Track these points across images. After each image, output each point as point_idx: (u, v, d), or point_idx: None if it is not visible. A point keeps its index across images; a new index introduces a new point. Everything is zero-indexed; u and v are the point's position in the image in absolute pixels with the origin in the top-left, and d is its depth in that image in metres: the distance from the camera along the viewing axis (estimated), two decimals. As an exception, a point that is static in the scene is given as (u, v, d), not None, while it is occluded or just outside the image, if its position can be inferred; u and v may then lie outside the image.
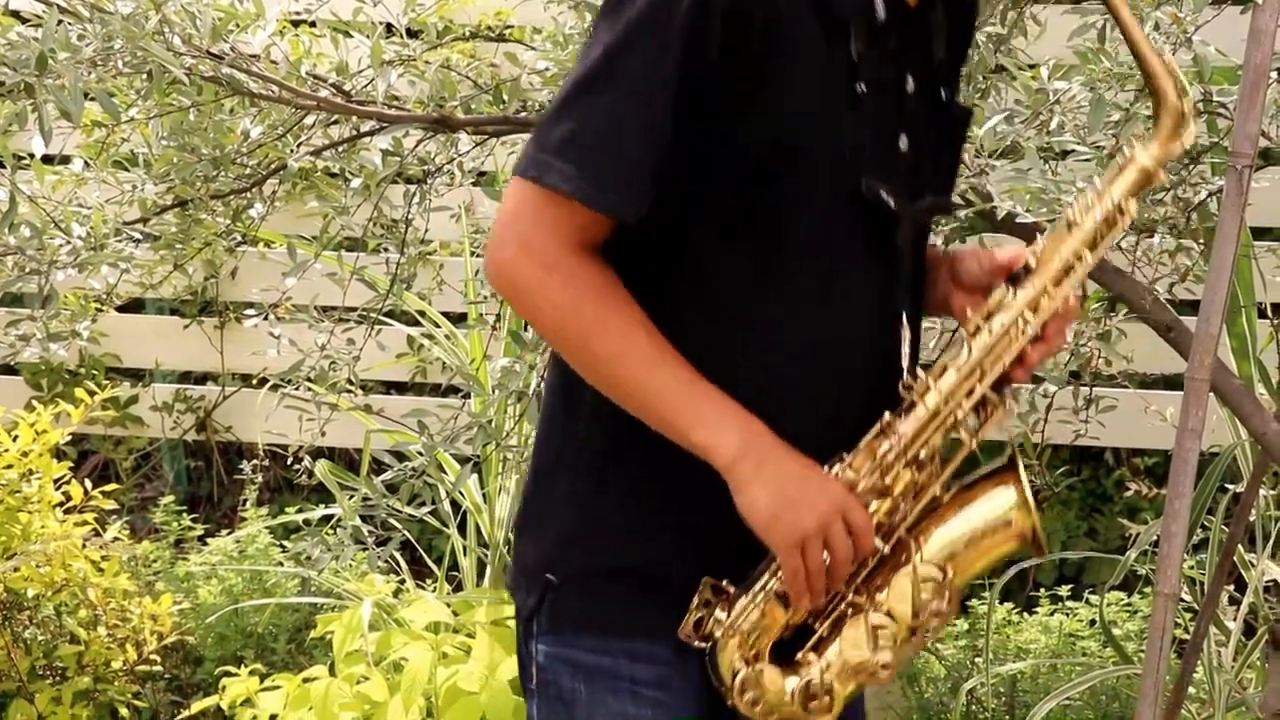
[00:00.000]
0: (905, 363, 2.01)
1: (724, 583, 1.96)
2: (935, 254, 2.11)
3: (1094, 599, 4.07)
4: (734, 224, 1.93)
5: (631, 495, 1.98)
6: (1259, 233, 3.59)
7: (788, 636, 1.99)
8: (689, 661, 1.98)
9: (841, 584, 1.95)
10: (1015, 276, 1.98)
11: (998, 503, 2.01)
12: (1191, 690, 3.49)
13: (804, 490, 1.92)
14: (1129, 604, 4.11)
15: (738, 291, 1.94)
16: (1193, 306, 2.27)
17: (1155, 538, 3.01)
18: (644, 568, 1.98)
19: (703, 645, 1.96)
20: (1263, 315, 3.40)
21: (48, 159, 3.41)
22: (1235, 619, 3.56)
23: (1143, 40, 1.94)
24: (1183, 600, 3.66)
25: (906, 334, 2.01)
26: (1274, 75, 2.68)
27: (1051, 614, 4.21)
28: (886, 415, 1.96)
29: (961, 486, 2.02)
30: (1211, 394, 2.50)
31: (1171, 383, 4.24)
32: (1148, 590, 3.98)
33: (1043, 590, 4.37)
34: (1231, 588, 3.64)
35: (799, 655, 1.98)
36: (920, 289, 2.05)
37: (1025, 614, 4.28)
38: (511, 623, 2.11)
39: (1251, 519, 3.50)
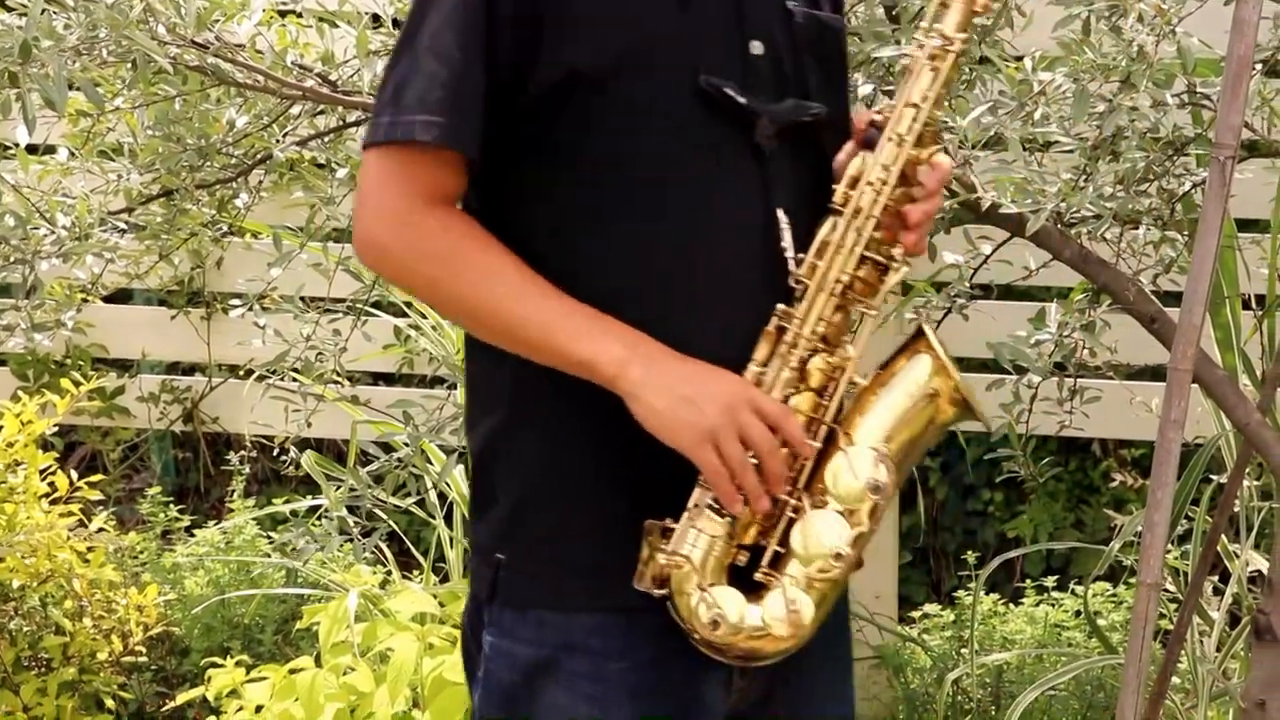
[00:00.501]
0: (791, 256, 1.97)
1: (666, 521, 1.93)
2: None
3: (1080, 590, 4.08)
4: (580, 147, 1.93)
5: (565, 461, 1.96)
6: (1244, 224, 3.59)
7: (743, 563, 1.94)
8: (629, 650, 1.96)
9: (781, 480, 1.91)
10: (870, 140, 1.98)
11: (917, 373, 2.00)
12: (1175, 680, 3.50)
13: (700, 386, 1.89)
14: (1114, 595, 4.12)
15: (598, 216, 1.94)
16: (1177, 298, 2.27)
17: (1140, 529, 3.02)
18: (585, 531, 1.96)
19: (661, 593, 1.92)
20: (1247, 306, 3.40)
21: (32, 149, 3.41)
22: (1219, 609, 3.57)
23: None
24: (1167, 591, 3.67)
25: (787, 229, 1.97)
26: (1257, 67, 2.69)
27: (1037, 605, 4.22)
28: (780, 307, 1.94)
29: (879, 368, 2.01)
30: (1196, 385, 2.51)
31: (1157, 374, 4.24)
32: (1133, 581, 3.98)
33: (1029, 581, 4.38)
34: (1215, 578, 3.65)
35: (758, 575, 1.94)
36: (820, 188, 2.00)
37: (1011, 605, 4.29)
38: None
39: (1235, 510, 3.51)
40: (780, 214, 1.97)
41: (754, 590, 1.94)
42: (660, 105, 1.93)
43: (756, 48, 1.99)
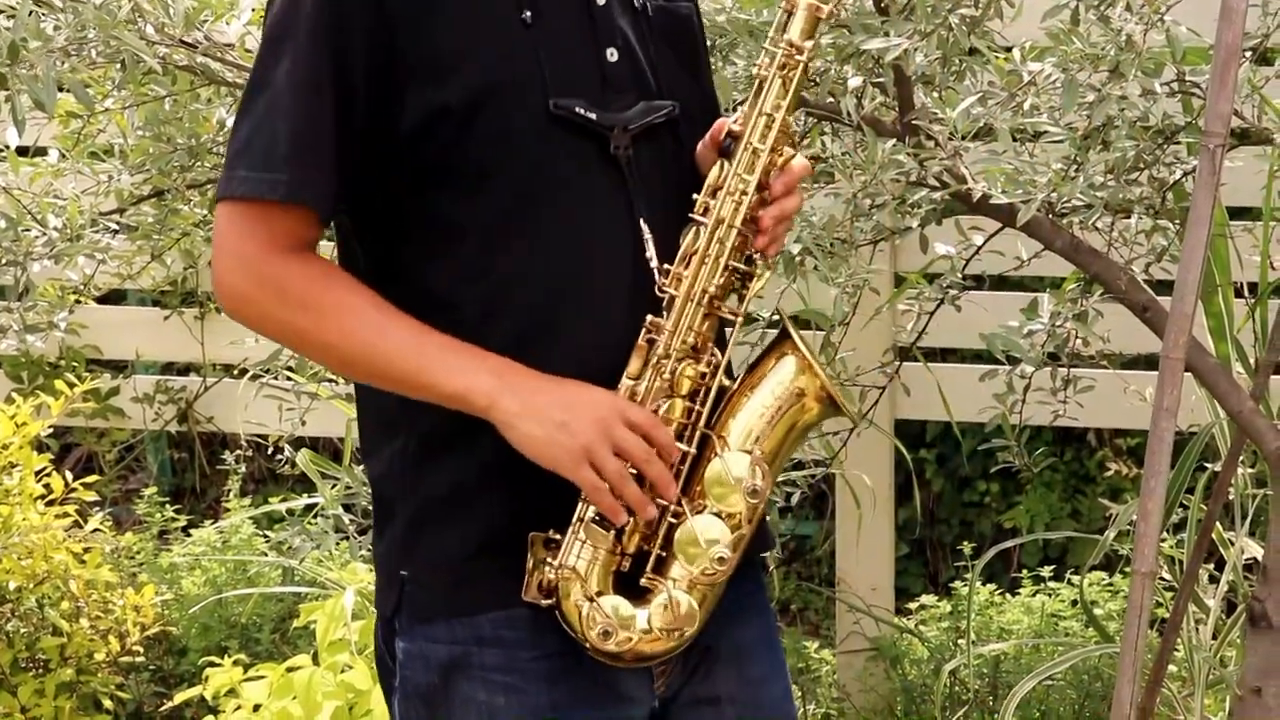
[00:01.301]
0: (656, 270, 2.01)
1: (551, 532, 1.97)
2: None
3: (1076, 579, 4.08)
4: (440, 180, 1.96)
5: (453, 471, 2.00)
6: (1236, 212, 3.59)
7: (627, 568, 1.99)
8: (539, 640, 1.99)
9: (668, 484, 1.96)
10: (725, 148, 2.02)
11: (783, 374, 2.04)
12: (1171, 668, 3.50)
13: (569, 409, 1.93)
14: (1110, 584, 4.12)
15: (464, 244, 1.97)
16: (1169, 287, 2.27)
17: (1135, 517, 3.02)
18: (483, 540, 1.99)
19: (549, 603, 1.97)
20: (1239, 294, 3.40)
21: (22, 150, 3.41)
22: (1215, 597, 3.57)
23: None
24: (1163, 579, 3.67)
25: (650, 241, 2.01)
26: (1246, 54, 2.68)
27: (1034, 595, 4.22)
28: (649, 318, 1.99)
29: (747, 370, 2.05)
30: (1189, 373, 2.51)
31: (1150, 363, 4.24)
32: (1128, 570, 3.98)
33: (1025, 571, 4.38)
34: (1211, 566, 3.66)
35: (643, 581, 1.99)
36: (684, 182, 2.04)
37: (1008, 595, 4.30)
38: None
39: (1230, 497, 3.51)
40: (644, 225, 2.02)
41: (640, 595, 1.99)
42: (520, 131, 1.96)
43: (612, 55, 2.03)
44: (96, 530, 4.07)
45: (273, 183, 1.92)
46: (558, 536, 1.97)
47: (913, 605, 4.35)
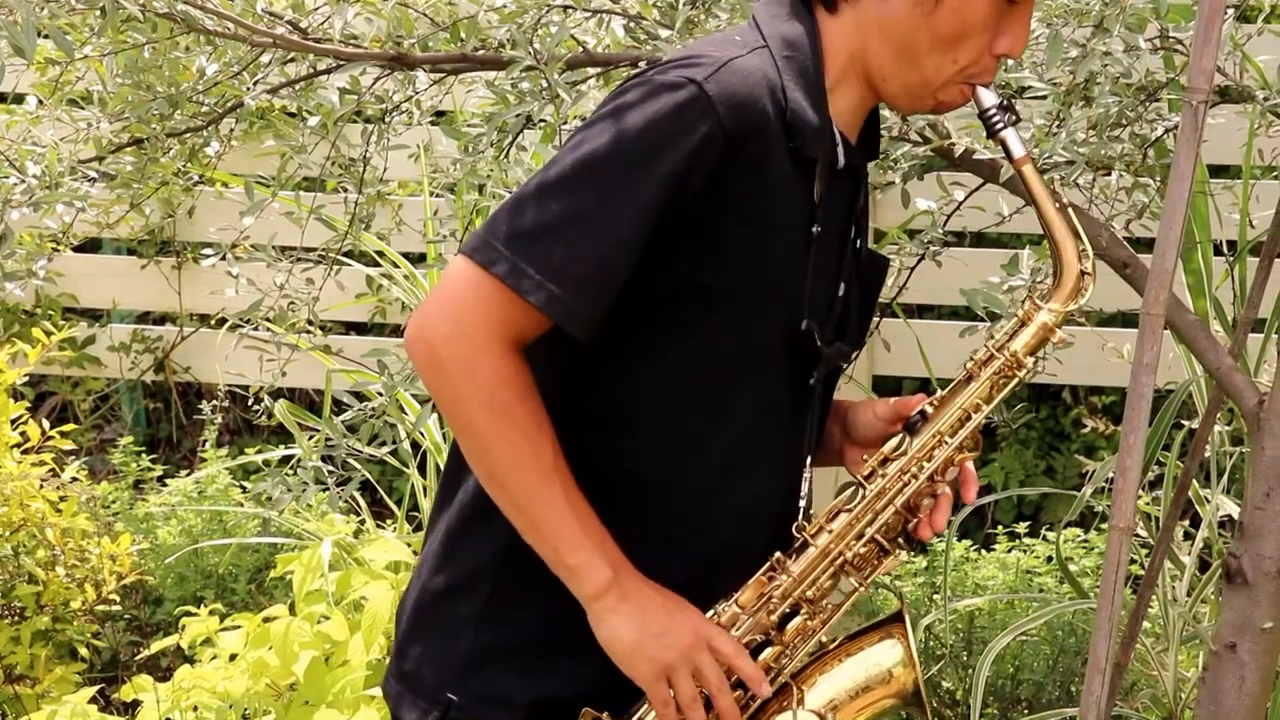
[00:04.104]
0: (802, 505, 2.03)
1: (604, 716, 1.97)
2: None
3: (1051, 536, 4.10)
4: (664, 348, 1.93)
5: (540, 625, 1.98)
6: (1216, 170, 3.60)
7: None
8: None
9: (733, 716, 1.95)
10: (912, 424, 2.02)
11: (883, 656, 2.05)
12: (1146, 624, 3.52)
13: (666, 623, 1.93)
14: (1085, 540, 4.14)
15: (657, 413, 1.96)
16: (1149, 244, 2.28)
17: (1111, 474, 3.03)
18: (544, 696, 1.98)
19: None
20: (1218, 252, 3.41)
21: (0, 97, 3.39)
22: (1190, 554, 3.59)
23: (1046, 198, 1.99)
24: (1138, 536, 3.69)
25: (808, 479, 2.04)
26: (1229, 12, 2.68)
27: (1009, 551, 4.24)
28: (778, 554, 1.98)
29: (849, 635, 2.05)
30: (1167, 330, 2.51)
31: (1129, 320, 4.26)
32: (1104, 526, 4.01)
33: (1000, 528, 4.40)
34: (1186, 523, 3.67)
35: None
36: (822, 435, 2.08)
37: (983, 551, 4.31)
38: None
39: (1206, 455, 3.53)
40: (808, 460, 2.03)
41: None
42: (764, 332, 1.95)
43: (841, 290, 2.04)
44: (73, 479, 4.06)
45: (552, 297, 1.85)
46: None
47: (888, 560, 4.36)
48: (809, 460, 2.04)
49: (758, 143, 1.89)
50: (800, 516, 2.02)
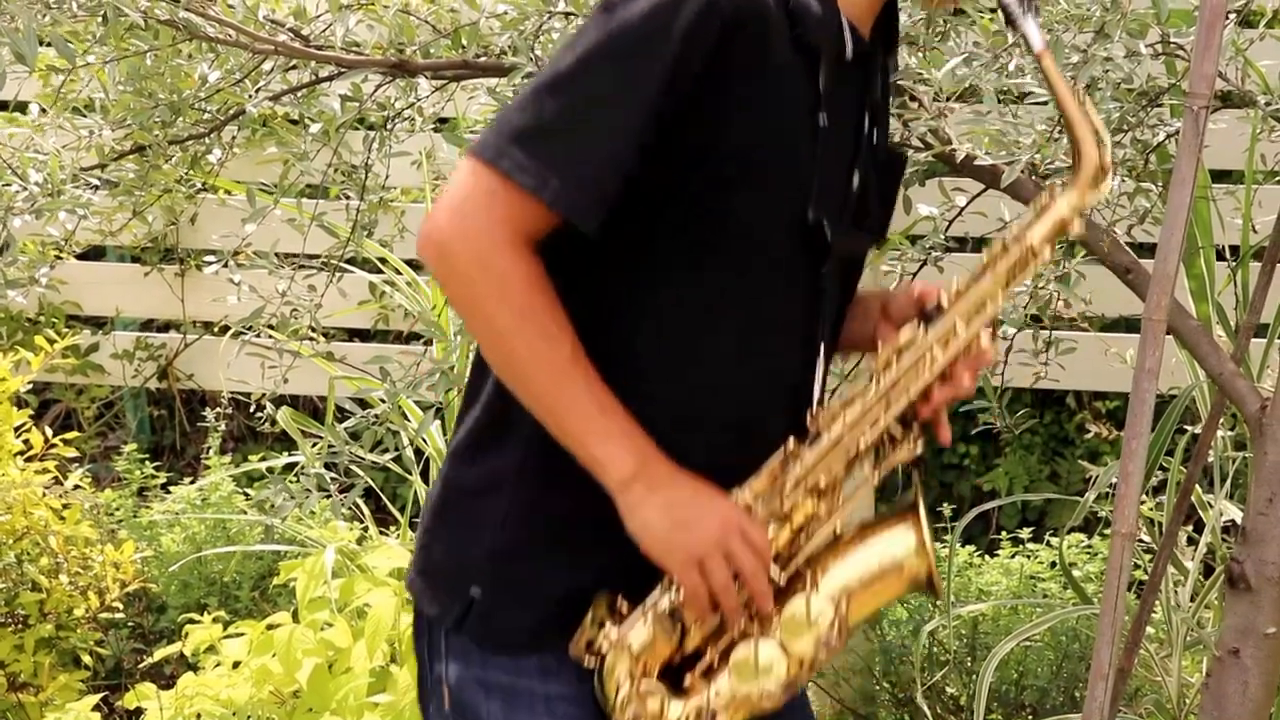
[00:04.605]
0: (816, 392, 2.02)
1: (619, 600, 1.97)
2: (868, 291, 2.14)
3: (1055, 541, 4.10)
4: (677, 244, 1.93)
5: (566, 518, 1.98)
6: (1219, 175, 3.60)
7: (677, 662, 1.98)
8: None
9: (767, 600, 1.96)
10: (928, 314, 2.01)
11: (896, 544, 2.03)
12: (1150, 630, 3.52)
13: (696, 511, 1.93)
14: (1089, 546, 4.14)
15: (672, 314, 1.95)
16: (1152, 249, 2.28)
17: (1115, 480, 3.02)
18: (569, 589, 1.98)
19: (591, 664, 1.96)
20: (1221, 257, 3.41)
21: (2, 105, 3.39)
22: (1193, 559, 3.59)
23: (1065, 90, 1.96)
24: (1142, 541, 3.69)
25: (821, 365, 2.03)
26: (1230, 17, 2.68)
27: (1012, 557, 4.24)
28: (791, 442, 1.98)
29: (862, 523, 2.04)
30: (1170, 336, 2.52)
31: (1132, 325, 4.25)
32: (1108, 532, 4.00)
33: (1004, 534, 4.39)
34: (1190, 528, 3.67)
35: (688, 680, 1.98)
36: (840, 323, 2.08)
37: (987, 557, 4.31)
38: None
39: (1209, 460, 3.52)
40: (821, 347, 2.02)
41: (680, 689, 1.99)
42: (771, 226, 1.95)
43: (856, 180, 2.03)
44: (77, 487, 4.06)
45: (559, 192, 1.86)
46: (624, 606, 1.97)
47: (892, 566, 4.36)
48: (822, 347, 2.03)
49: (757, 27, 1.88)
50: (816, 403, 2.01)
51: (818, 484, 1.98)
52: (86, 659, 3.98)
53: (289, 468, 3.90)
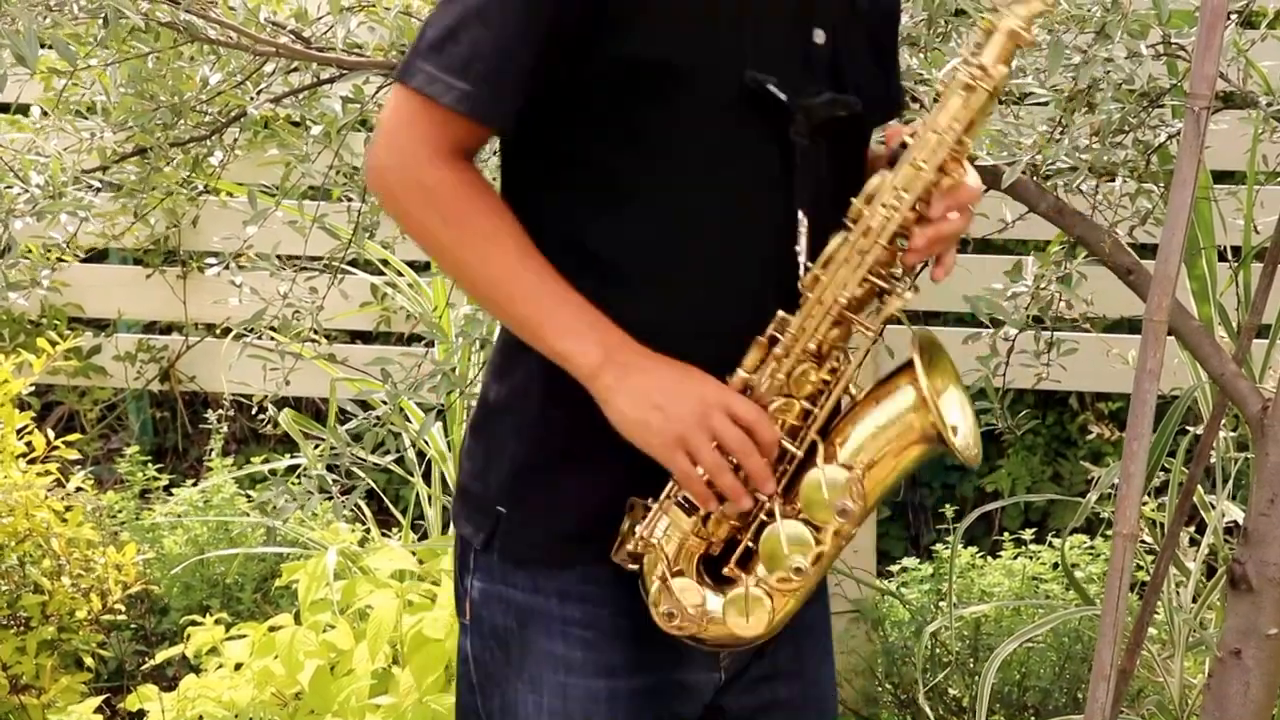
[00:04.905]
0: (802, 265, 1.97)
1: (649, 500, 1.96)
2: (875, 151, 2.08)
3: (1057, 542, 4.10)
4: (617, 134, 1.93)
5: (573, 431, 1.97)
6: (1221, 176, 3.60)
7: (717, 554, 1.97)
8: (620, 600, 1.98)
9: (765, 478, 1.93)
10: (894, 157, 1.96)
11: (899, 402, 1.99)
12: (1152, 631, 3.52)
13: (671, 392, 1.90)
14: (1091, 547, 4.14)
15: (629, 205, 1.94)
16: (1153, 250, 2.27)
17: (1116, 480, 3.02)
18: (586, 504, 1.98)
19: (634, 568, 1.96)
20: (1223, 258, 3.41)
21: (3, 108, 3.39)
22: (1195, 560, 3.59)
23: None
24: (1144, 542, 3.69)
25: (804, 232, 1.97)
26: (1231, 18, 2.68)
27: (1015, 558, 4.24)
28: (780, 313, 1.95)
29: (875, 383, 2.01)
30: (1171, 336, 2.51)
31: (1134, 326, 4.25)
32: (1110, 533, 4.00)
33: (1006, 535, 4.39)
34: (1192, 529, 3.67)
35: (725, 570, 1.97)
36: (844, 189, 1.99)
37: (989, 558, 4.31)
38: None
39: (1211, 461, 3.52)
40: (800, 215, 1.98)
41: (721, 582, 1.97)
42: (708, 99, 1.92)
43: (819, 36, 1.98)
44: (79, 489, 4.06)
45: (462, 94, 1.89)
46: (651, 505, 1.96)
47: (894, 568, 4.36)
48: (801, 216, 1.97)
49: None
50: (802, 271, 1.97)
51: (811, 349, 1.94)
52: (89, 661, 3.98)
53: (292, 470, 3.90)
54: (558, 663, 2.01)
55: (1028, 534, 4.33)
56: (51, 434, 3.97)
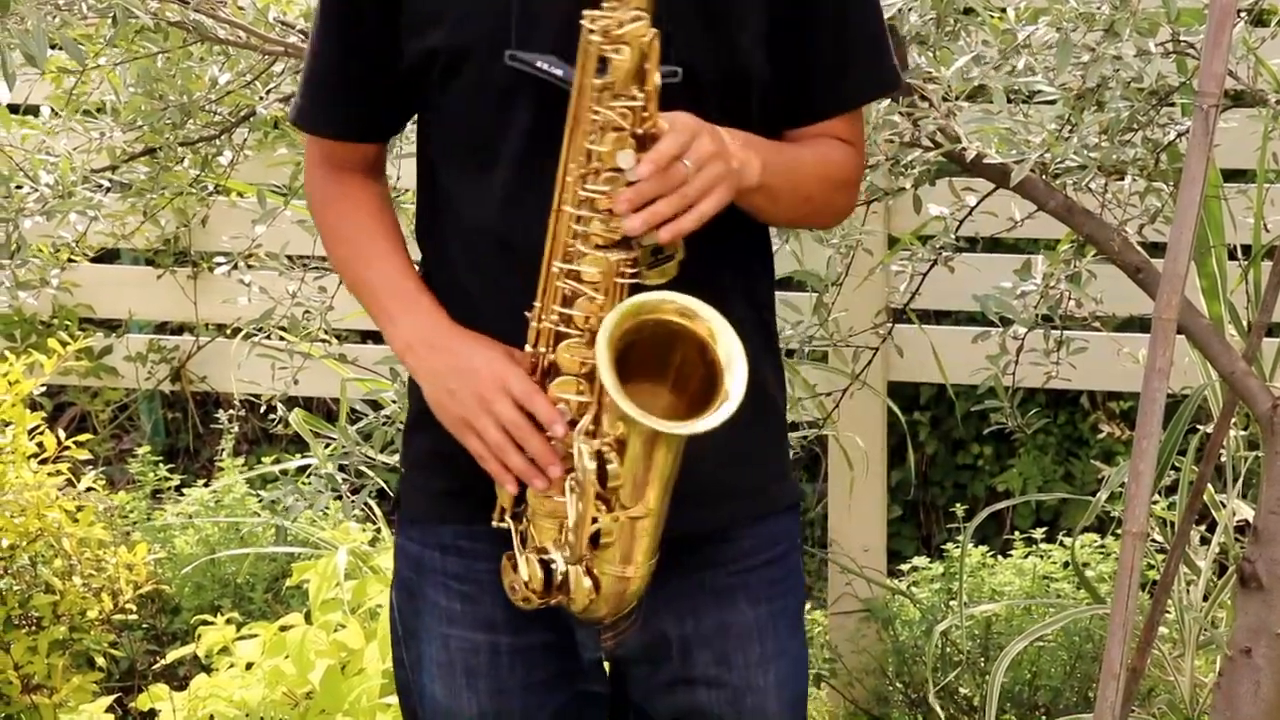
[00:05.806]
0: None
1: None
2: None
3: (1068, 541, 4.09)
4: (435, 113, 2.04)
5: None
6: (1230, 174, 3.59)
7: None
8: (496, 556, 2.01)
9: (548, 456, 1.93)
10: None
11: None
12: (1162, 629, 3.51)
13: (460, 375, 1.97)
14: (1102, 546, 4.13)
15: (440, 176, 2.06)
16: (1163, 248, 2.27)
17: (1127, 479, 3.02)
18: (459, 460, 2.00)
19: (502, 525, 2.00)
20: (1232, 256, 3.40)
21: (13, 108, 3.39)
22: (1206, 559, 3.58)
23: None
24: (1154, 541, 3.68)
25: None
26: (1241, 15, 2.68)
27: (1026, 557, 4.23)
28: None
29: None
30: (1181, 335, 2.51)
31: (1144, 325, 4.25)
32: (1120, 532, 4.00)
33: (1018, 534, 4.39)
34: (1202, 528, 3.66)
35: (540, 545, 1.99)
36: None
37: (1000, 557, 4.30)
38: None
39: (1221, 459, 3.52)
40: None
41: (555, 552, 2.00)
42: (484, 83, 1.98)
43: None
44: (90, 489, 4.07)
45: (296, 109, 2.11)
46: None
47: (905, 567, 4.36)
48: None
49: None
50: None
51: (556, 326, 1.93)
52: (100, 661, 3.98)
53: (303, 470, 3.91)
54: (441, 614, 2.09)
55: (1039, 533, 4.33)
56: (63, 434, 3.98)
